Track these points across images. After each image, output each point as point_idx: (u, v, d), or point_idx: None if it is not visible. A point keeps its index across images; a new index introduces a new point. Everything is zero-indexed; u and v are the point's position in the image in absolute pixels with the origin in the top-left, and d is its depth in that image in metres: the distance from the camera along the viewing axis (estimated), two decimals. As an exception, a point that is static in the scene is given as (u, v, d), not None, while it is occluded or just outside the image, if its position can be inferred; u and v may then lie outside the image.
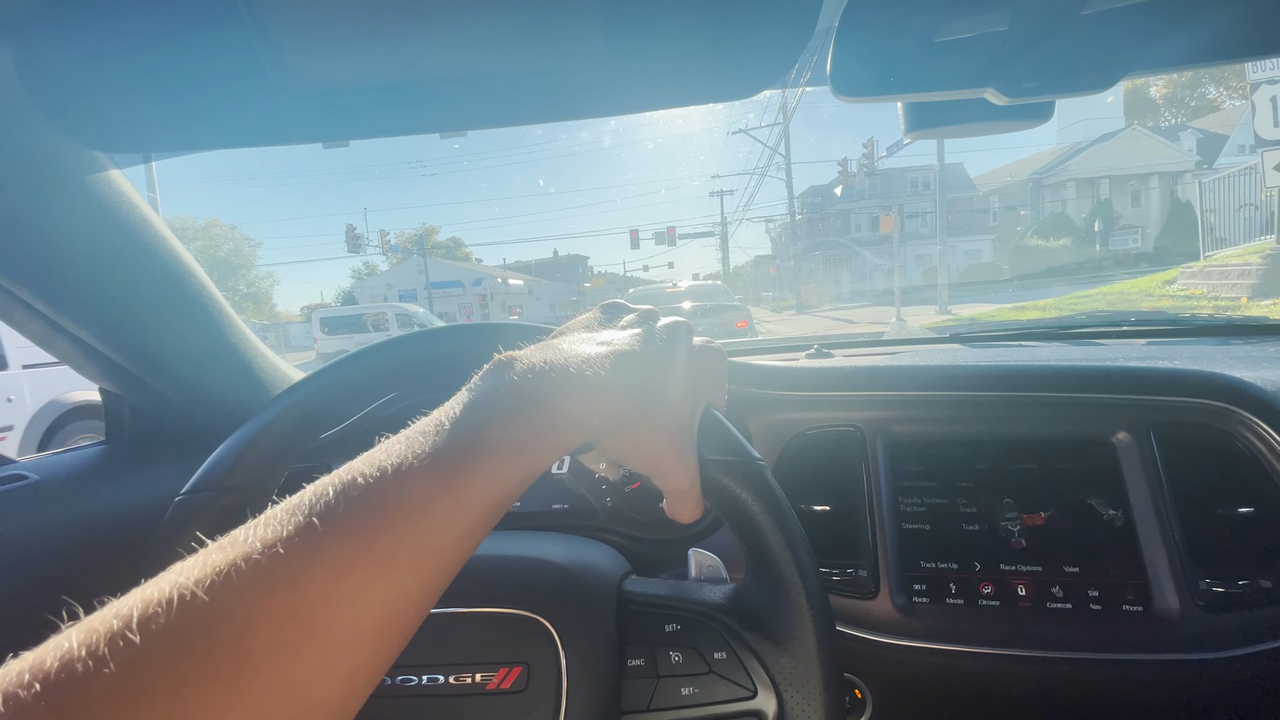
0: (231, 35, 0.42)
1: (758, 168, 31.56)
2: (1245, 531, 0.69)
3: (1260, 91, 5.55)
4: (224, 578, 0.23)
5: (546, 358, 0.35)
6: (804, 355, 1.11)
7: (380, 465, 0.27)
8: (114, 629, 0.21)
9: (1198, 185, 12.13)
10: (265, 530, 0.25)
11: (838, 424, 0.83)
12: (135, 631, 0.21)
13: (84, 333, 0.71)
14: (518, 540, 0.61)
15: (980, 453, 0.78)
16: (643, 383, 0.38)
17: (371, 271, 52.39)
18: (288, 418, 0.51)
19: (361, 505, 0.26)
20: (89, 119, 0.47)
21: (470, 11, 0.42)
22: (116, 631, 0.21)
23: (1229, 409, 0.72)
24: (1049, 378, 0.78)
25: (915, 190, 36.18)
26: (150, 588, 0.23)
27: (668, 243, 32.07)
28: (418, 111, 0.47)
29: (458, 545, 0.28)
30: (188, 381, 0.83)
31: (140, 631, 0.21)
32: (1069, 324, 1.39)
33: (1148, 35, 0.55)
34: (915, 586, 0.74)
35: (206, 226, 49.95)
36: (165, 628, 0.21)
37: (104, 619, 0.21)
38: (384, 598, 0.25)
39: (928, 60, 0.55)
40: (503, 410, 0.31)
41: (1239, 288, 8.76)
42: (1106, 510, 0.72)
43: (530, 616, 0.50)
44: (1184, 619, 0.66)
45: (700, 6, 0.43)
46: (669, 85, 0.47)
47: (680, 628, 0.49)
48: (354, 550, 0.25)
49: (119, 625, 0.21)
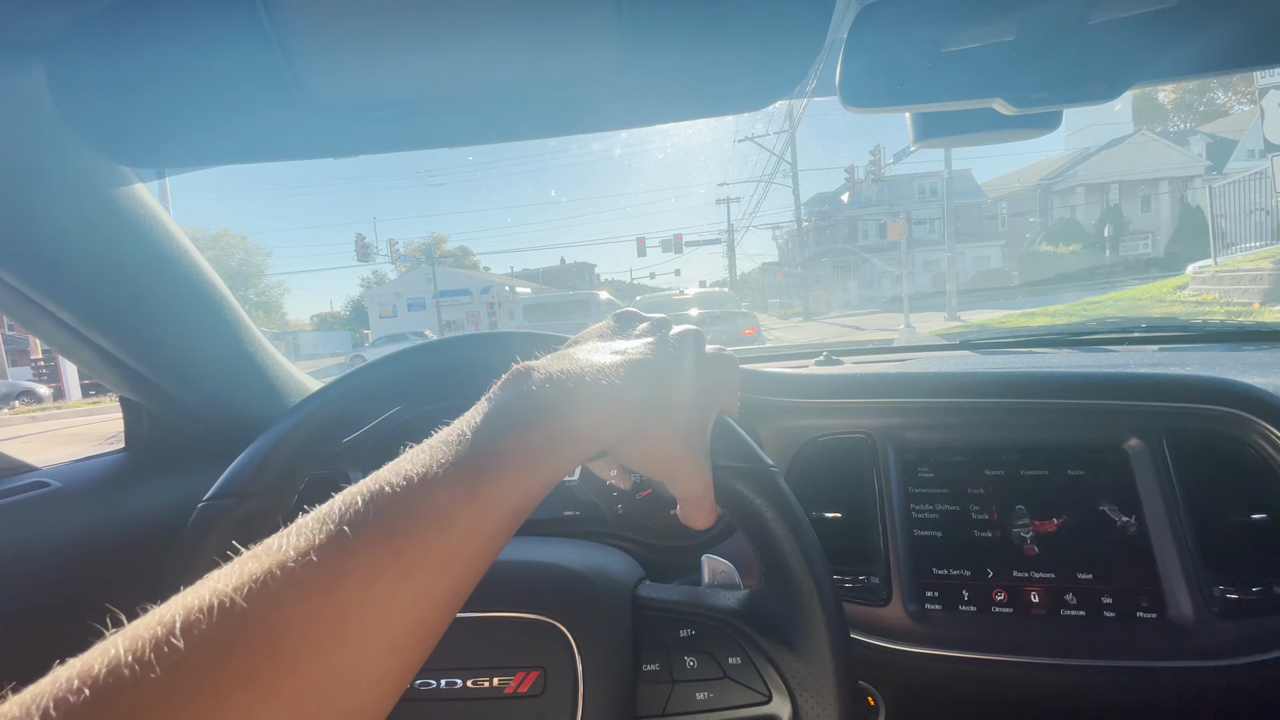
0: (255, 53, 0.44)
1: (764, 175, 31.61)
2: (1259, 538, 0.68)
3: (1269, 96, 5.53)
4: (261, 584, 0.23)
5: (563, 367, 0.36)
6: (813, 362, 1.11)
7: (406, 474, 0.28)
8: (158, 635, 0.22)
9: (1208, 190, 12.05)
10: (298, 538, 0.25)
11: (849, 431, 0.83)
12: (179, 637, 0.22)
13: (107, 343, 0.73)
14: (533, 546, 0.62)
15: (992, 459, 0.78)
16: (657, 391, 0.39)
17: (380, 280, 52.72)
18: (308, 425, 0.52)
19: (390, 513, 0.27)
20: (117, 134, 0.48)
21: (488, 28, 0.43)
22: (160, 638, 0.22)
23: (1242, 415, 0.72)
24: (1060, 384, 0.78)
25: (923, 197, 36.09)
26: (191, 595, 0.23)
27: (675, 250, 32.14)
28: (436, 126, 0.49)
29: (482, 551, 0.29)
30: (206, 390, 0.84)
31: (184, 637, 0.22)
32: (1080, 330, 1.39)
33: (1153, 45, 0.55)
34: (927, 593, 0.74)
35: (218, 236, 50.49)
36: (206, 633, 0.22)
37: (148, 625, 0.22)
38: (412, 603, 0.26)
39: (936, 71, 0.56)
40: (522, 420, 0.32)
41: (1251, 293, 8.67)
42: (1119, 517, 0.72)
43: (546, 621, 0.51)
44: (1198, 626, 0.66)
45: (712, 22, 0.44)
46: (681, 99, 0.48)
47: (695, 633, 0.49)
48: (383, 556, 0.25)
49: (163, 631, 0.22)
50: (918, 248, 33.74)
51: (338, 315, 60.58)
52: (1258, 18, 0.54)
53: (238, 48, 0.44)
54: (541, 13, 0.42)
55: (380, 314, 41.65)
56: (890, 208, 34.20)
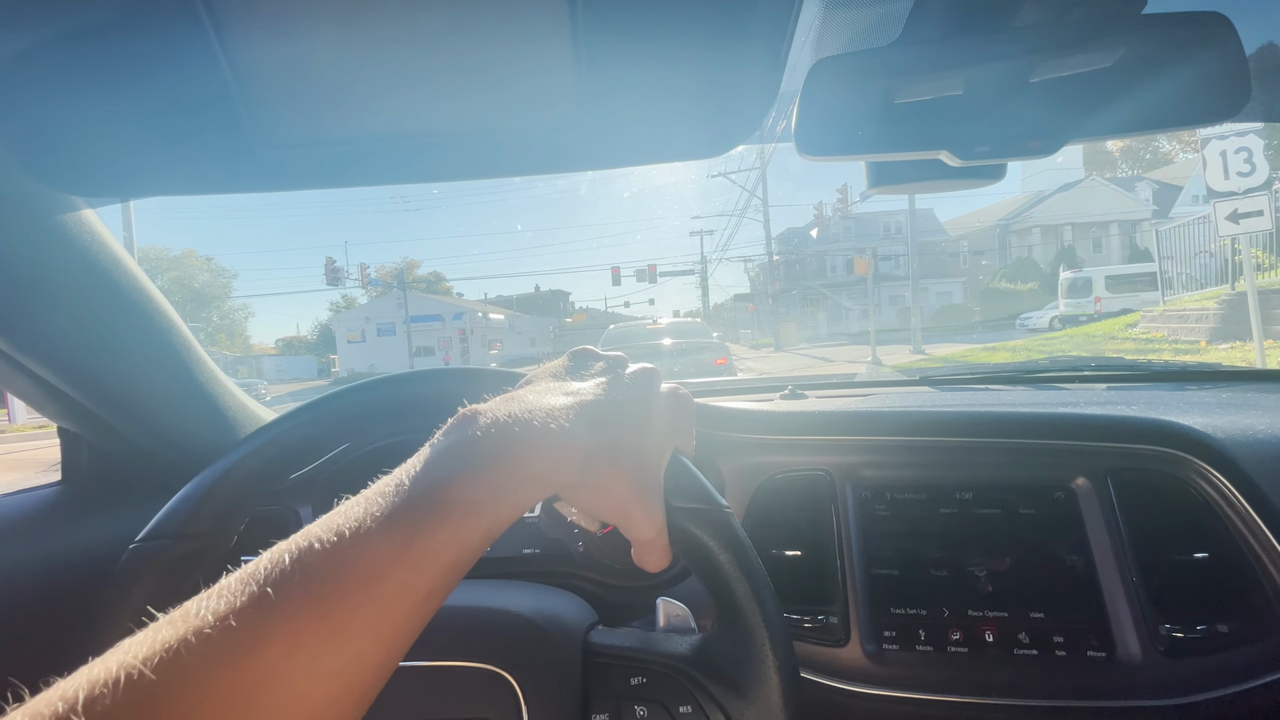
0: (211, 88, 0.43)
1: (736, 209, 32.29)
2: (1202, 577, 0.70)
3: (1210, 146, 5.88)
4: (173, 654, 0.22)
5: (510, 410, 0.35)
6: (778, 396, 1.12)
7: (338, 528, 0.27)
8: (58, 712, 0.20)
9: (1155, 233, 12.67)
10: (218, 602, 0.24)
11: (808, 468, 0.84)
12: (80, 715, 0.20)
13: (45, 371, 0.70)
14: (481, 590, 0.60)
15: (947, 497, 0.79)
16: (608, 433, 0.38)
17: (350, 305, 51.97)
18: (250, 462, 0.51)
19: (316, 571, 0.25)
20: (63, 165, 0.47)
21: (447, 71, 0.43)
22: (61, 715, 0.20)
23: (1182, 456, 0.74)
24: (1011, 424, 0.80)
25: (888, 234, 37.23)
26: (98, 667, 0.22)
27: (649, 280, 32.46)
28: (391, 164, 0.49)
29: (417, 610, 0.28)
30: (151, 421, 0.81)
31: (85, 714, 0.20)
32: (1034, 369, 1.43)
33: (1091, 104, 0.58)
34: (885, 633, 0.74)
35: (181, 257, 49.33)
36: (110, 709, 0.21)
37: (49, 702, 0.21)
38: (338, 669, 0.25)
39: (887, 123, 0.58)
40: (464, 467, 0.31)
41: (1198, 331, 9.10)
42: (1069, 556, 0.73)
43: (491, 670, 0.49)
44: (1146, 665, 0.67)
45: (669, 72, 0.45)
46: (640, 144, 0.49)
47: (646, 680, 0.48)
48: (307, 620, 0.24)
49: (63, 709, 0.21)
50: (884, 283, 34.69)
51: (303, 340, 59.36)
52: (1188, 80, 0.57)
53: (192, 81, 0.44)
54: (501, 58, 0.43)
55: (349, 339, 40.94)
56: (857, 244, 35.23)
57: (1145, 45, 0.54)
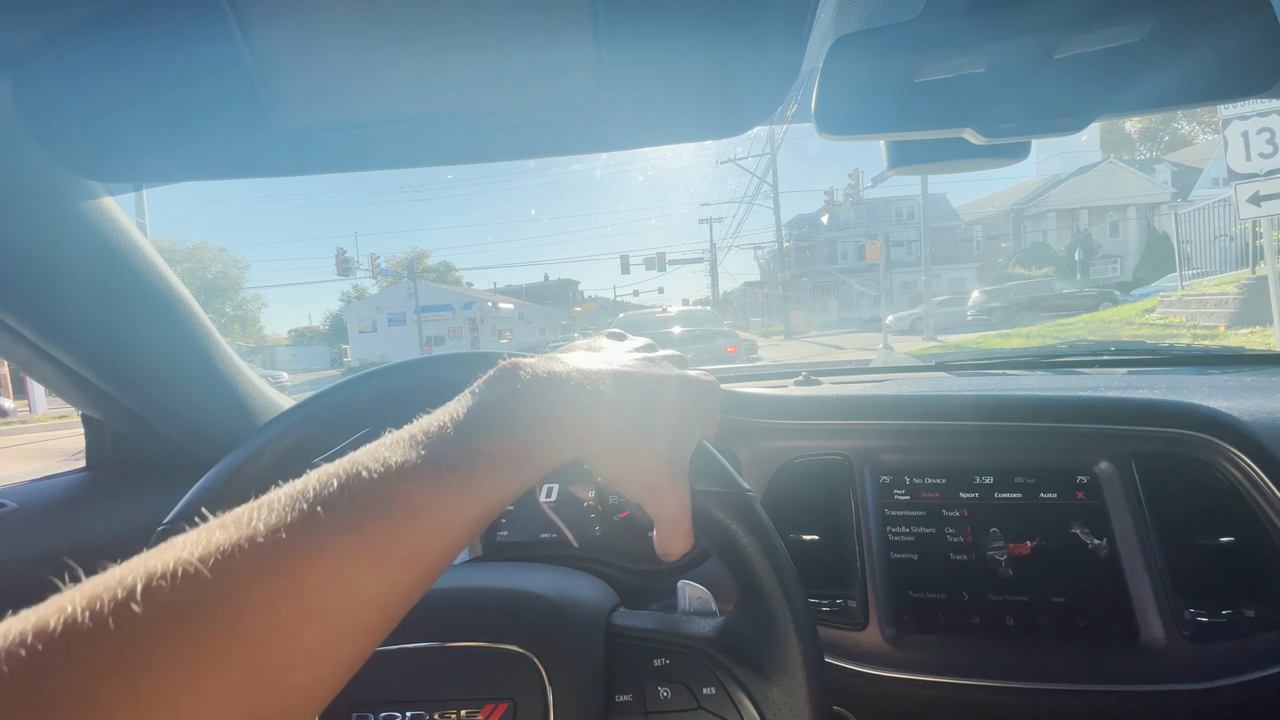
0: (230, 71, 0.43)
1: (746, 196, 32.08)
2: (1228, 561, 0.69)
3: (1232, 127, 5.72)
4: (227, 556, 0.23)
5: (550, 369, 0.36)
6: (792, 383, 1.12)
7: (385, 461, 0.28)
8: (118, 598, 0.21)
9: (1174, 217, 12.44)
10: (269, 514, 0.25)
11: (826, 452, 0.83)
12: (139, 602, 0.21)
13: (70, 359, 0.71)
14: (505, 572, 0.61)
15: (966, 482, 0.78)
16: (644, 403, 0.39)
17: (361, 295, 52.27)
18: (275, 446, 0.51)
19: (364, 499, 0.26)
20: (85, 150, 0.47)
21: (466, 52, 0.43)
22: (120, 601, 0.21)
23: (1208, 439, 0.73)
24: (1032, 408, 0.79)
25: (900, 219, 36.83)
26: (154, 558, 0.23)
27: (658, 268, 32.35)
28: (410, 146, 0.48)
29: (449, 547, 0.29)
30: (173, 408, 0.82)
31: (144, 602, 0.21)
32: (1051, 353, 1.41)
33: (1119, 79, 0.57)
34: (904, 617, 0.74)
35: (195, 249, 49.71)
36: (168, 601, 0.21)
37: (107, 586, 0.21)
38: (375, 590, 0.26)
39: (908, 101, 0.57)
40: (504, 420, 0.32)
41: (1217, 316, 8.94)
42: (1091, 540, 0.73)
43: (517, 651, 0.50)
44: (1170, 649, 0.67)
45: (689, 51, 0.45)
46: (659, 124, 0.49)
47: (669, 662, 0.48)
48: (352, 541, 0.25)
49: (123, 595, 0.21)
50: (895, 269, 34.37)
51: (316, 330, 59.83)
52: (1220, 54, 0.56)
53: (211, 65, 0.43)
54: (520, 38, 0.42)
55: (360, 329, 41.22)
56: (868, 230, 34.88)
57: (1176, 16, 0.53)
